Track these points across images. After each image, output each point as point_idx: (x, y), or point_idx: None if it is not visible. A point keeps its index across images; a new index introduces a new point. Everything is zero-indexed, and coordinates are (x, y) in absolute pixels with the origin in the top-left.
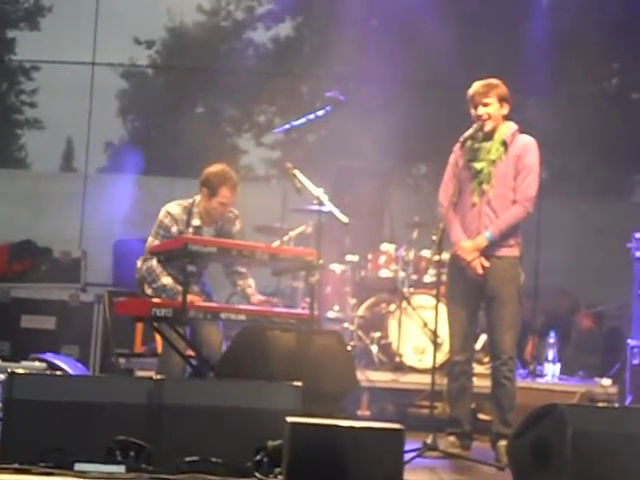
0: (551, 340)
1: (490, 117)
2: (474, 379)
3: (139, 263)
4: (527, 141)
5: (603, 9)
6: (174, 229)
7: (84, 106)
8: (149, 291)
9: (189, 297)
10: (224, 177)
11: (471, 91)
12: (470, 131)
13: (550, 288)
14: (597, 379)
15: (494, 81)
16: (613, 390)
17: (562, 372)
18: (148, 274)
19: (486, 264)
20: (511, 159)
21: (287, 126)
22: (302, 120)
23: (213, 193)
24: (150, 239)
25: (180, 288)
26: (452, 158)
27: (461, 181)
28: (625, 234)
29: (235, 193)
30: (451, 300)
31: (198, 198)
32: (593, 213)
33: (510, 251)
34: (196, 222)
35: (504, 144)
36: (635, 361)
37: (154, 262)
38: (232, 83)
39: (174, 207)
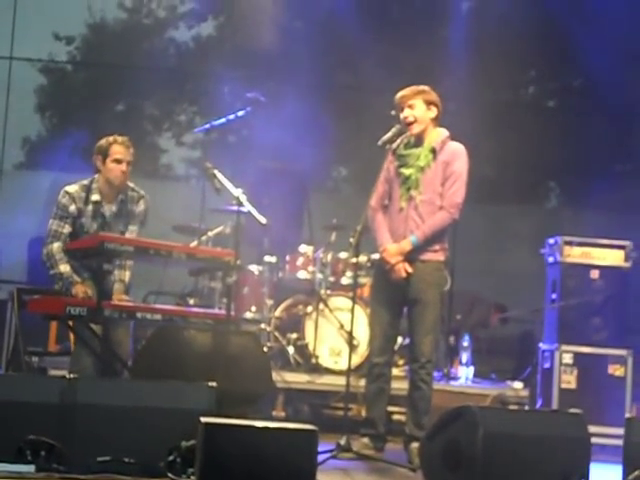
0: (465, 343)
1: (416, 120)
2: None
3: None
4: (456, 148)
5: (521, 17)
6: (72, 207)
7: (1, 101)
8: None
9: (116, 296)
10: (112, 138)
11: (397, 95)
12: (389, 134)
13: (465, 293)
14: (509, 382)
15: (423, 87)
16: (524, 393)
17: (475, 375)
18: (47, 259)
19: (409, 269)
20: (439, 166)
21: (208, 126)
22: (223, 120)
23: (105, 155)
24: (50, 221)
25: (77, 278)
26: (385, 163)
27: (392, 186)
28: (539, 240)
29: (128, 150)
30: (374, 302)
31: (96, 176)
32: (508, 219)
33: (434, 255)
34: (95, 197)
35: (433, 151)
36: (546, 365)
37: (54, 247)
38: (153, 81)
39: (72, 186)
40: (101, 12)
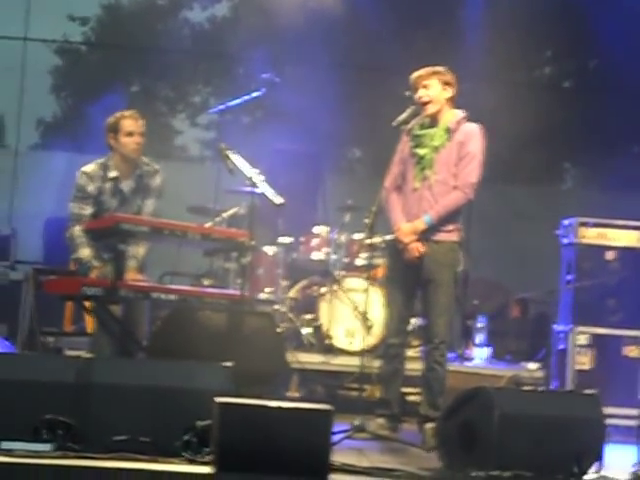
0: (480, 325)
1: (431, 100)
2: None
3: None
4: (472, 128)
5: None
6: (90, 187)
7: (16, 82)
8: None
9: (129, 274)
10: (120, 114)
11: (413, 75)
12: (404, 115)
13: (481, 277)
14: (524, 363)
15: (438, 67)
16: (539, 374)
17: (490, 356)
18: (70, 242)
19: (422, 249)
20: (454, 146)
21: (222, 107)
22: (237, 101)
23: (116, 130)
24: (70, 204)
25: (95, 263)
26: (399, 144)
27: (406, 167)
28: (554, 221)
29: (138, 122)
30: (389, 282)
31: (111, 154)
32: (523, 200)
33: (448, 236)
34: (113, 174)
35: (448, 131)
36: (561, 346)
37: (75, 230)
38: (167, 62)
39: (88, 166)
40: None
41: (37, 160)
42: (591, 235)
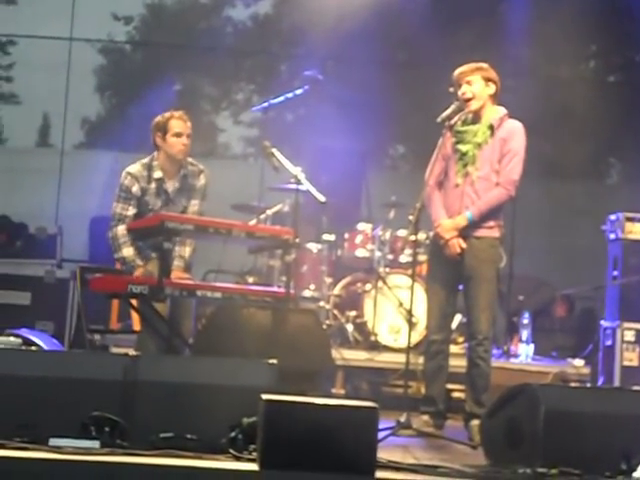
0: (525, 321)
1: (474, 96)
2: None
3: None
4: (514, 125)
5: None
6: (135, 188)
7: (61, 81)
8: None
9: (175, 273)
10: (169, 114)
11: (456, 72)
12: (448, 111)
13: (526, 273)
14: (570, 360)
15: (481, 63)
16: (585, 371)
17: (535, 352)
18: (112, 242)
19: (464, 245)
20: (497, 142)
21: (265, 104)
22: (280, 99)
23: (164, 131)
24: (114, 204)
25: (139, 262)
26: (441, 140)
27: (448, 163)
28: (600, 216)
29: (186, 124)
30: (430, 279)
31: (155, 154)
32: (569, 195)
33: (489, 232)
34: (158, 174)
35: (491, 127)
36: (608, 342)
37: (118, 230)
38: (210, 61)
39: (133, 166)
40: None
41: (82, 159)
42: (638, 230)
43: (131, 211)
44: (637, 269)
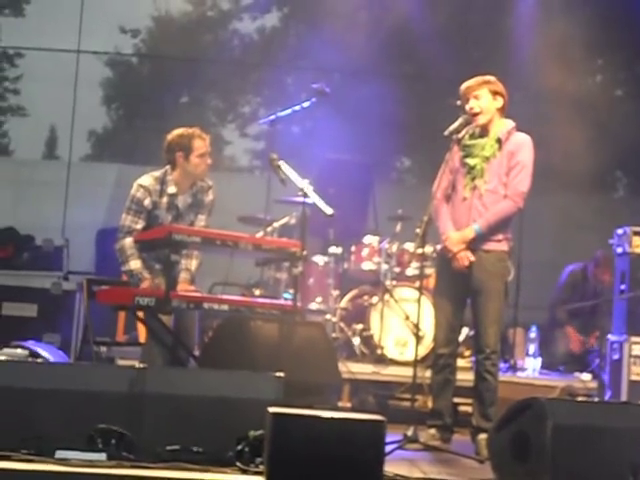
0: (532, 335)
1: (482, 110)
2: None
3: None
4: (522, 138)
5: (588, 5)
6: (147, 201)
7: (68, 94)
8: None
9: (181, 285)
10: (191, 132)
11: (463, 86)
12: (455, 125)
13: (532, 285)
14: (577, 374)
15: (488, 77)
16: (593, 385)
17: (543, 367)
18: (120, 254)
19: (472, 258)
20: (505, 156)
21: (272, 117)
22: (287, 111)
23: (188, 151)
24: (123, 216)
25: (146, 274)
26: (448, 154)
27: (456, 177)
28: (607, 230)
29: (207, 143)
30: (438, 292)
31: (169, 168)
32: (576, 209)
33: (498, 245)
34: (172, 190)
35: (499, 141)
36: (615, 356)
37: (126, 242)
38: (217, 73)
39: (146, 179)
40: (166, 4)
41: (89, 171)
42: None
43: (140, 224)
44: None
